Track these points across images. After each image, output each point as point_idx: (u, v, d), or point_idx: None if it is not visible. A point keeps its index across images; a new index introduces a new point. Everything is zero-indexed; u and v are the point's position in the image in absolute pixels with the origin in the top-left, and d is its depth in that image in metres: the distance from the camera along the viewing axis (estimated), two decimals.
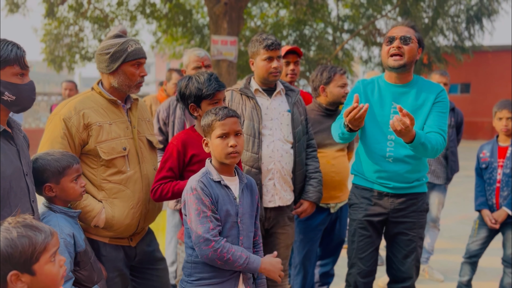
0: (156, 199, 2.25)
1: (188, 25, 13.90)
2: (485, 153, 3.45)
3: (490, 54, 19.54)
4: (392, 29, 2.56)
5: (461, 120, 4.17)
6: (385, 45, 2.53)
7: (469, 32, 16.27)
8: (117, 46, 2.18)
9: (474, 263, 3.51)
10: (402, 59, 2.47)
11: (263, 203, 2.63)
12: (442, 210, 4.28)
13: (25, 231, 1.33)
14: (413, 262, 2.64)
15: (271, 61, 2.65)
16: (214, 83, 2.25)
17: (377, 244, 2.69)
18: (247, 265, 1.93)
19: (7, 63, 1.68)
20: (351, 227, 2.70)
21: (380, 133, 2.56)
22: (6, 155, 1.70)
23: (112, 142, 2.18)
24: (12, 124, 1.83)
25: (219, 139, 1.96)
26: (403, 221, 2.61)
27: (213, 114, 1.99)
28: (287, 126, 2.72)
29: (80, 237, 1.98)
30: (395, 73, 2.54)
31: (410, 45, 2.47)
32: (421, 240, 2.66)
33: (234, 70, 10.27)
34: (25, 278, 1.32)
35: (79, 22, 12.82)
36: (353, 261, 2.69)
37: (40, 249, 1.33)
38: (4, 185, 1.67)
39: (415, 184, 2.60)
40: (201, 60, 3.24)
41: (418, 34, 2.53)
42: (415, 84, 2.58)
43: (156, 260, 2.45)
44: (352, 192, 2.76)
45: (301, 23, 14.68)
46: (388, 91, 2.59)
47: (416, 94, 2.55)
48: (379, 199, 2.61)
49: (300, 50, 3.27)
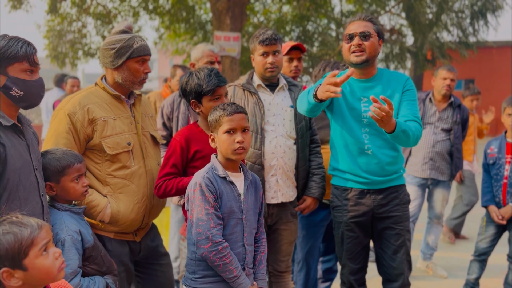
0: (160, 195, 2.25)
1: (191, 21, 13.88)
2: (493, 148, 3.43)
3: (495, 50, 19.44)
4: (350, 25, 2.55)
5: (467, 117, 4.15)
6: (345, 43, 2.54)
7: (474, 28, 16.19)
8: (122, 42, 2.19)
9: (483, 261, 3.49)
10: (364, 54, 2.48)
11: (265, 199, 2.63)
12: (446, 206, 4.28)
13: (9, 227, 1.33)
14: (404, 256, 2.62)
15: (267, 57, 2.64)
16: (214, 79, 2.23)
17: (366, 243, 2.68)
18: (233, 282, 1.94)
19: (16, 59, 1.71)
20: (338, 230, 2.68)
21: (356, 126, 2.55)
22: (15, 148, 1.73)
23: (117, 138, 2.19)
24: (22, 120, 1.86)
25: (226, 135, 1.96)
26: (388, 216, 2.60)
27: (221, 110, 1.99)
28: (290, 122, 2.71)
29: (88, 232, 1.98)
30: (359, 69, 2.55)
31: (370, 40, 2.48)
32: (408, 233, 2.65)
33: (237, 66, 10.25)
34: (18, 274, 1.33)
35: (82, 18, 12.82)
36: (343, 262, 2.70)
37: (27, 243, 1.32)
38: (13, 178, 1.70)
39: (394, 177, 2.60)
40: (214, 56, 3.26)
41: (377, 27, 2.54)
42: (380, 77, 2.59)
43: (160, 255, 2.46)
44: (333, 193, 2.72)
45: (304, 19, 14.63)
46: (355, 87, 2.59)
47: (383, 87, 2.56)
48: (361, 198, 2.60)
49: (304, 46, 3.27)
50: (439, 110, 4.07)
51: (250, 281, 2.00)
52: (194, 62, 3.34)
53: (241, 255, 2.00)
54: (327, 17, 15.08)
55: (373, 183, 2.56)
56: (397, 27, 16.58)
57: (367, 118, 2.52)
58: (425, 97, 4.16)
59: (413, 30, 15.71)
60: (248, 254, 2.03)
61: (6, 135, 1.71)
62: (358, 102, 2.56)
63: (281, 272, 2.81)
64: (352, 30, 2.50)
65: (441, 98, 4.09)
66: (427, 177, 4.09)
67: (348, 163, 2.58)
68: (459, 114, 4.06)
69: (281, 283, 2.83)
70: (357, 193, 2.60)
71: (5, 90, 1.72)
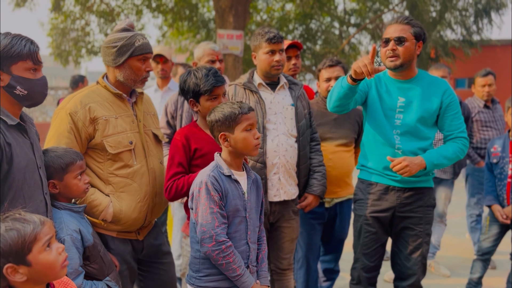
0: (172, 197, 2.23)
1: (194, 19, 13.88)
2: (496, 147, 3.42)
3: (499, 48, 19.34)
4: (387, 28, 2.56)
5: (468, 115, 4.13)
6: (382, 47, 2.56)
7: (477, 26, 16.09)
8: (124, 40, 2.18)
9: (486, 260, 3.48)
10: (398, 59, 2.49)
11: (268, 197, 2.63)
12: (449, 205, 4.27)
13: (13, 224, 1.35)
14: (419, 258, 2.60)
15: (273, 55, 2.64)
16: (211, 79, 2.21)
17: (383, 241, 2.68)
18: (236, 281, 1.94)
19: (20, 58, 1.71)
20: (357, 223, 2.68)
21: (388, 125, 2.56)
22: (20, 147, 1.74)
23: (119, 136, 2.19)
24: (25, 118, 1.86)
25: (246, 132, 1.97)
26: (410, 216, 2.59)
27: (237, 108, 1.98)
28: (291, 120, 2.72)
29: (88, 231, 1.98)
30: (396, 72, 2.57)
31: (405, 44, 2.48)
32: (428, 236, 2.63)
33: (240, 65, 10.23)
34: (22, 269, 1.35)
35: (85, 16, 12.83)
36: (357, 256, 2.69)
37: (30, 239, 1.34)
38: (18, 177, 1.70)
39: (423, 179, 2.59)
40: (216, 54, 3.25)
41: (415, 29, 2.52)
42: (420, 80, 2.60)
43: (162, 253, 2.46)
44: (358, 186, 2.74)
45: (307, 17, 14.60)
46: (394, 86, 2.60)
47: (422, 90, 2.57)
48: (385, 194, 2.59)
49: (300, 43, 3.28)
50: None
51: (253, 278, 2.01)
52: (196, 61, 3.34)
53: (245, 253, 2.01)
54: (331, 15, 15.03)
55: (401, 181, 2.56)
56: None
57: (400, 119, 2.54)
58: None
59: None
60: (252, 252, 2.04)
61: (11, 135, 1.72)
62: (394, 102, 2.57)
63: (283, 270, 2.82)
64: (388, 34, 2.52)
65: None
66: None
67: (378, 161, 2.59)
68: None
69: (283, 280, 2.84)
70: (382, 189, 2.60)
71: (9, 89, 1.72)
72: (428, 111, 2.55)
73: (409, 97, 2.56)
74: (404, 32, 2.49)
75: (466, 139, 2.59)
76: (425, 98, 2.55)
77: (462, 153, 2.56)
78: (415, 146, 2.54)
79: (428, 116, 2.55)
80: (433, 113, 2.57)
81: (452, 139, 2.59)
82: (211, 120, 2.01)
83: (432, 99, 2.56)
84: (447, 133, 2.61)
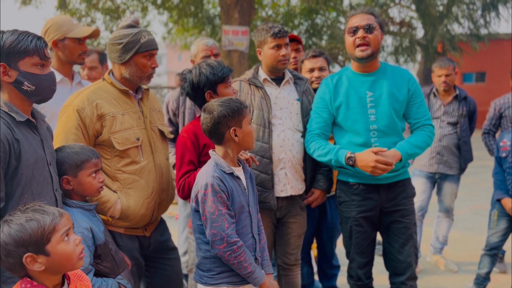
0: (185, 195, 2.24)
1: (199, 15, 13.88)
2: (506, 141, 3.39)
3: (506, 42, 19.15)
4: (352, 18, 2.53)
5: (474, 109, 4.09)
6: (349, 36, 2.52)
7: (485, 20, 15.95)
8: (130, 36, 2.18)
9: (494, 255, 3.47)
10: (369, 48, 2.47)
11: (274, 192, 2.64)
12: (455, 200, 4.24)
13: (33, 215, 1.39)
14: (411, 249, 2.62)
15: (279, 49, 2.63)
16: (224, 66, 2.29)
17: (373, 237, 2.69)
18: (248, 278, 1.96)
19: (27, 54, 1.71)
20: (346, 224, 2.67)
21: (363, 125, 2.54)
22: (29, 143, 1.74)
23: (126, 133, 2.19)
24: (36, 115, 1.87)
25: (250, 126, 2.01)
26: (396, 210, 2.60)
27: (239, 102, 1.98)
28: (296, 115, 2.71)
29: (99, 229, 1.97)
30: (363, 63, 2.53)
31: (374, 33, 2.47)
32: (415, 226, 2.65)
33: (245, 61, 10.23)
34: (41, 259, 1.38)
35: (90, 14, 12.87)
36: (352, 256, 2.70)
37: (50, 229, 1.38)
38: (27, 173, 1.71)
39: (401, 171, 2.61)
40: (209, 49, 3.23)
41: (378, 19, 2.52)
42: (384, 71, 2.59)
43: (169, 249, 2.48)
44: (339, 188, 2.72)
45: (312, 12, 14.55)
46: (359, 82, 2.58)
47: (389, 81, 2.56)
48: (369, 193, 2.59)
49: (299, 37, 3.29)
50: (444, 104, 4.03)
51: (263, 273, 2.03)
52: (193, 59, 3.31)
53: (252, 246, 2.03)
54: (336, 10, 14.97)
55: (382, 178, 2.55)
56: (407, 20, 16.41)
57: (374, 114, 2.51)
58: (429, 92, 4.12)
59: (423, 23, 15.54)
60: (257, 243, 2.07)
61: (20, 131, 1.72)
62: (364, 98, 2.55)
63: (290, 265, 2.82)
64: (356, 23, 2.49)
65: (444, 93, 4.05)
66: (434, 171, 4.06)
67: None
68: (465, 106, 4.01)
69: (290, 276, 2.84)
70: (365, 188, 2.59)
71: (16, 85, 1.73)
72: (398, 101, 2.55)
73: (377, 90, 2.54)
74: (371, 21, 2.48)
75: (432, 126, 2.61)
76: (393, 89, 2.54)
77: (430, 140, 2.57)
78: (390, 141, 2.53)
79: (399, 107, 2.55)
80: (402, 102, 2.56)
81: (419, 127, 2.60)
82: (219, 116, 1.94)
83: (400, 89, 2.55)
84: (414, 121, 2.60)
